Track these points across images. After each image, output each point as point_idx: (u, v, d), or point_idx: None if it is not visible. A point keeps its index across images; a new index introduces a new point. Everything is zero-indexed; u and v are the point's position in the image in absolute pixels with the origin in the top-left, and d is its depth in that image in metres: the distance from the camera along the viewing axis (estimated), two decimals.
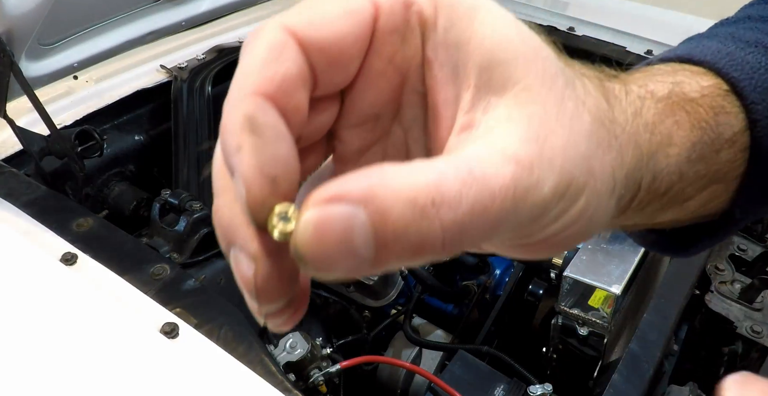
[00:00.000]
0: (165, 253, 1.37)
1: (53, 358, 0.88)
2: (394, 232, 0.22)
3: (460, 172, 0.23)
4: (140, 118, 1.75)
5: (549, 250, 0.29)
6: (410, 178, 0.22)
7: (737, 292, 1.31)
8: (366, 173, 0.22)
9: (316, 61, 0.25)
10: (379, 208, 0.21)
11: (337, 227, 0.21)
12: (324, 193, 0.22)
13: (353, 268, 0.22)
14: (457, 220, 0.22)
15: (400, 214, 0.21)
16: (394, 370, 1.51)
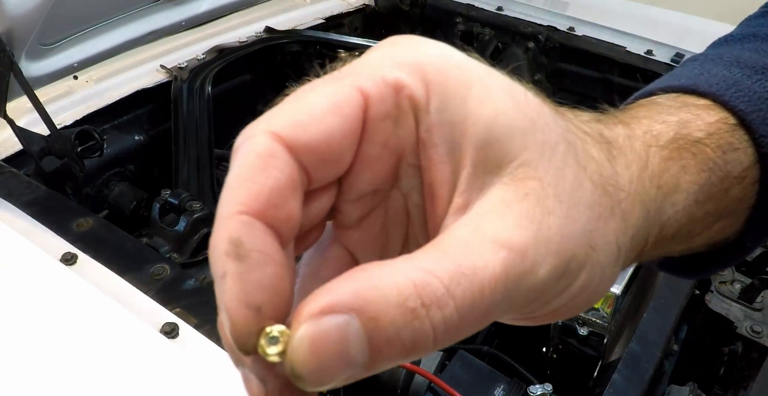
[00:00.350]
0: (165, 253, 1.37)
1: (53, 358, 0.88)
2: (387, 337, 0.21)
3: (448, 269, 0.22)
4: (140, 118, 1.75)
5: (554, 318, 0.29)
6: (397, 280, 0.22)
7: (737, 292, 1.31)
8: (353, 277, 0.22)
9: (307, 162, 0.25)
10: (372, 315, 0.21)
11: (333, 340, 0.21)
12: (315, 306, 0.21)
13: (348, 377, 0.22)
14: (447, 318, 0.22)
15: (392, 318, 0.21)
16: (394, 370, 1.51)
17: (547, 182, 0.25)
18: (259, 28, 1.97)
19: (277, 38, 1.95)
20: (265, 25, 1.98)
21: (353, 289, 0.22)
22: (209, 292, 1.07)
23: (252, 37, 1.93)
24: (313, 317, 0.21)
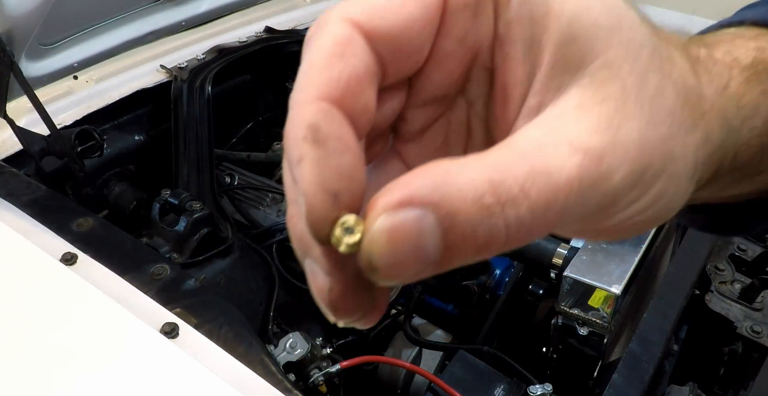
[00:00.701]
0: (165, 253, 1.37)
1: (53, 358, 0.88)
2: (462, 233, 0.21)
3: (522, 168, 0.22)
4: (140, 118, 1.75)
5: (618, 234, 0.28)
6: (473, 176, 0.21)
7: (737, 292, 1.31)
8: (429, 172, 0.21)
9: (384, 52, 0.24)
10: (449, 210, 0.21)
11: (410, 233, 0.21)
12: (392, 198, 0.21)
13: (419, 272, 0.22)
14: (521, 216, 0.22)
15: (469, 214, 0.21)
16: (394, 370, 1.51)
17: (628, 86, 0.24)
18: (259, 28, 1.97)
19: (277, 38, 1.95)
20: (265, 25, 1.98)
21: (430, 182, 0.21)
22: (209, 292, 1.07)
23: (252, 37, 1.93)
24: (390, 209, 0.21)
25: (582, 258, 1.24)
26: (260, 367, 0.89)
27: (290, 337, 1.28)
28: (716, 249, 1.40)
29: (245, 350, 0.92)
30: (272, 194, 1.82)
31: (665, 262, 1.41)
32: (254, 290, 1.50)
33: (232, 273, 1.43)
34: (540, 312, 1.49)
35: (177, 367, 0.88)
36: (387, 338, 1.60)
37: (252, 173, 1.90)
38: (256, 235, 1.67)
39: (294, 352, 1.25)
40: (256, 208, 1.80)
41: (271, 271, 1.56)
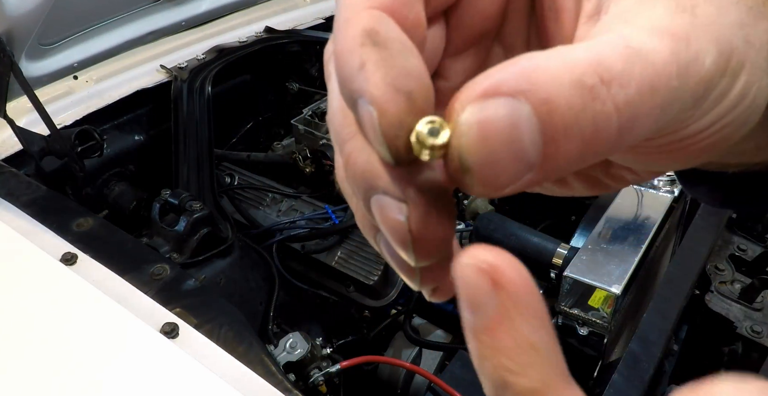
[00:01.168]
0: (165, 253, 1.37)
1: (53, 358, 0.88)
2: (564, 122, 0.18)
3: (618, 47, 0.19)
4: (140, 118, 1.75)
5: (696, 153, 0.25)
6: (567, 58, 0.19)
7: (737, 292, 1.31)
8: (514, 61, 0.19)
9: None
10: (544, 96, 0.18)
11: (503, 124, 0.18)
12: (477, 87, 0.19)
13: (518, 175, 0.19)
14: (630, 100, 0.19)
15: (568, 99, 0.18)
16: (394, 370, 1.51)
17: None
18: (259, 28, 1.97)
19: (277, 38, 1.95)
20: (265, 25, 1.98)
21: (517, 70, 0.18)
22: (209, 292, 1.07)
23: (252, 37, 1.93)
24: (476, 100, 0.18)
25: (582, 258, 1.24)
26: (260, 367, 0.89)
27: (290, 337, 1.28)
28: (716, 249, 1.40)
29: (245, 350, 0.92)
30: (272, 194, 1.82)
31: (665, 262, 1.41)
32: (254, 290, 1.50)
33: (232, 273, 1.43)
34: None
35: (177, 367, 0.88)
36: (387, 338, 1.60)
37: (252, 173, 1.90)
38: (256, 235, 1.67)
39: (294, 352, 1.25)
40: (256, 208, 1.80)
41: (271, 271, 1.56)
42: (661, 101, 0.20)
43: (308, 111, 1.84)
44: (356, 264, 1.59)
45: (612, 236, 1.29)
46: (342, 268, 1.59)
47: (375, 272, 1.55)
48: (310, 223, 1.68)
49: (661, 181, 1.36)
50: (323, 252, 1.63)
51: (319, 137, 1.78)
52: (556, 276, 1.34)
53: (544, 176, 0.19)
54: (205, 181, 1.61)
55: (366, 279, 1.55)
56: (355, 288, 1.60)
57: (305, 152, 1.84)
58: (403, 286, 1.61)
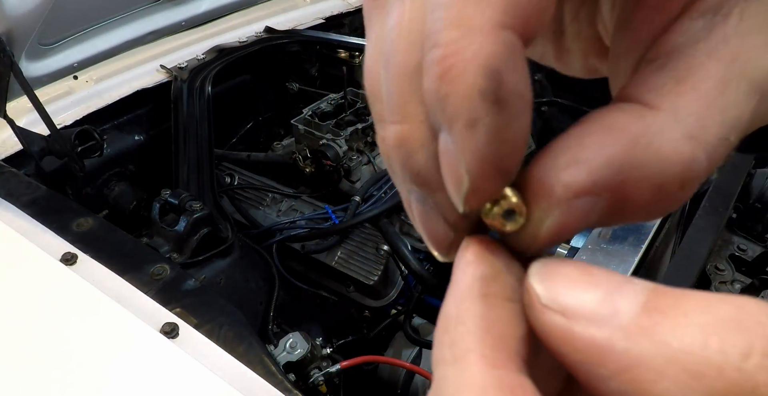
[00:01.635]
0: (165, 253, 1.37)
1: (53, 357, 0.88)
2: (633, 211, 0.18)
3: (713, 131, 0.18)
4: (140, 118, 1.75)
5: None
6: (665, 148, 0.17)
7: (737, 292, 1.31)
8: (615, 135, 0.18)
9: None
10: (624, 197, 0.18)
11: (578, 222, 0.18)
12: (568, 186, 0.18)
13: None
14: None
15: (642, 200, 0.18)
16: (394, 370, 1.51)
17: None
18: (259, 28, 1.97)
19: (277, 38, 1.95)
20: (265, 25, 1.98)
21: (617, 159, 0.17)
22: (209, 292, 1.07)
23: (252, 37, 1.93)
24: (565, 202, 0.18)
25: (582, 258, 1.24)
26: (260, 367, 0.89)
27: (290, 337, 1.28)
28: (716, 249, 1.40)
29: (245, 350, 0.92)
30: (272, 194, 1.82)
31: (665, 262, 1.41)
32: (254, 290, 1.50)
33: (232, 273, 1.43)
34: None
35: (177, 367, 0.88)
36: (387, 338, 1.60)
37: (252, 173, 1.90)
38: (256, 235, 1.67)
39: (294, 352, 1.25)
40: (256, 208, 1.80)
41: (271, 271, 1.56)
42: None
43: (308, 111, 1.84)
44: (356, 264, 1.59)
45: (612, 236, 1.29)
46: (342, 268, 1.59)
47: (375, 272, 1.55)
48: (310, 223, 1.68)
49: None
50: (323, 252, 1.63)
51: (319, 137, 1.78)
52: None
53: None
54: (205, 181, 1.61)
55: (366, 279, 1.55)
56: (355, 288, 1.60)
57: (305, 152, 1.84)
58: (403, 286, 1.61)
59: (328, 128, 1.78)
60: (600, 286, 0.17)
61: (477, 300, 0.18)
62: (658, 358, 0.15)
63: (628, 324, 0.16)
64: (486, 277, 0.19)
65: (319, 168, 1.81)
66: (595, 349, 0.16)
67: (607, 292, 0.16)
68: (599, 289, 0.16)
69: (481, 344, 0.17)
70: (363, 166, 1.80)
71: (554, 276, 0.17)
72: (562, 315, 0.17)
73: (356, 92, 1.88)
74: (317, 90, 2.12)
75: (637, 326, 0.15)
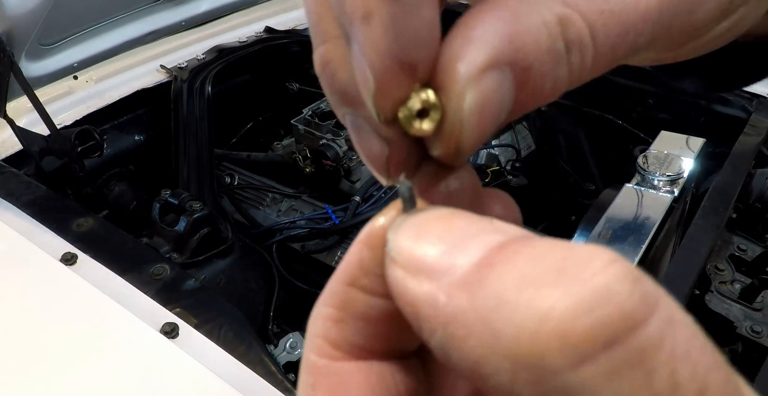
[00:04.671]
0: (165, 253, 1.37)
1: (53, 357, 0.88)
2: (534, 88, 0.19)
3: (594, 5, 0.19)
4: (140, 118, 1.75)
5: (705, 48, 0.24)
6: (544, 15, 0.18)
7: (737, 292, 1.31)
8: (497, 15, 0.18)
9: None
10: (526, 65, 0.18)
11: (495, 102, 0.18)
12: (474, 63, 0.18)
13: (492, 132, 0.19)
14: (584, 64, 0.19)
15: (542, 66, 0.18)
16: None
17: None
18: (259, 28, 1.97)
19: (277, 38, 1.95)
20: (265, 25, 1.98)
21: (506, 33, 0.18)
22: (209, 292, 1.07)
23: (252, 37, 1.93)
24: (475, 79, 0.18)
25: None
26: (260, 367, 0.89)
27: (290, 337, 1.28)
28: (716, 249, 1.40)
29: (245, 350, 0.92)
30: (272, 194, 1.82)
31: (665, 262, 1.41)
32: (254, 290, 1.50)
33: (232, 273, 1.43)
34: None
35: (177, 367, 0.88)
36: None
37: (252, 173, 1.90)
38: (256, 235, 1.67)
39: (294, 352, 1.25)
40: (256, 208, 1.80)
41: (271, 271, 1.56)
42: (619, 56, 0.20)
43: (308, 111, 1.84)
44: None
45: (612, 236, 1.28)
46: None
47: None
48: (310, 223, 1.68)
49: (661, 181, 1.36)
50: (323, 252, 1.63)
51: (319, 137, 1.78)
52: None
53: (513, 117, 0.19)
54: (205, 181, 1.61)
55: None
56: None
57: (305, 152, 1.84)
58: None
59: (328, 128, 1.78)
60: (449, 238, 0.16)
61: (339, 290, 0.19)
62: (470, 314, 0.14)
63: (456, 279, 0.15)
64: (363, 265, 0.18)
65: (319, 168, 1.81)
66: (420, 304, 0.16)
67: (452, 245, 0.16)
68: (445, 242, 0.16)
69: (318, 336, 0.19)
70: (363, 166, 1.80)
71: (408, 226, 0.17)
72: (404, 269, 0.16)
73: None
74: (317, 90, 2.12)
75: (463, 281, 0.15)
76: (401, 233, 0.17)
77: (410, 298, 0.16)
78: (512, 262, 0.15)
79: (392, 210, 0.19)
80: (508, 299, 0.14)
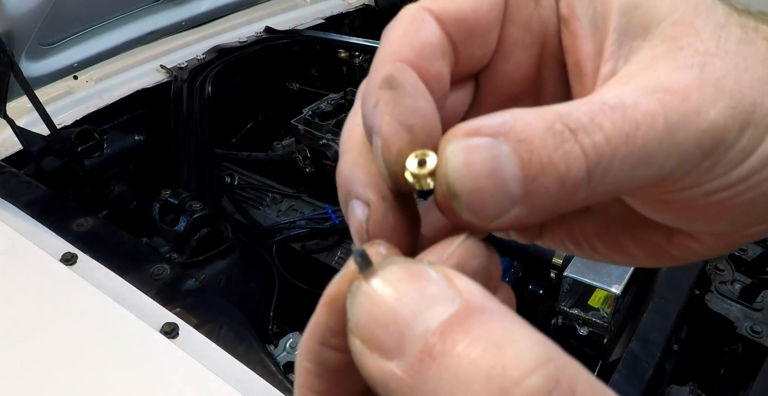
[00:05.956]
0: (165, 253, 1.37)
1: (53, 357, 0.88)
2: (540, 162, 0.20)
3: (593, 104, 0.21)
4: (140, 118, 1.75)
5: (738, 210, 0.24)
6: (540, 111, 0.21)
7: (737, 292, 1.31)
8: (494, 113, 0.21)
9: (454, 33, 0.25)
10: (520, 138, 0.20)
11: (485, 156, 0.20)
12: (461, 128, 0.21)
13: (506, 208, 0.21)
14: (597, 145, 0.21)
15: (542, 141, 0.20)
16: None
17: (706, 35, 0.23)
18: (259, 28, 1.97)
19: (277, 38, 1.95)
20: (265, 25, 1.98)
21: (497, 117, 0.21)
22: (209, 292, 1.07)
23: (252, 37, 1.93)
24: (461, 136, 0.21)
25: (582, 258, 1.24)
26: (260, 367, 0.89)
27: (290, 337, 1.28)
28: None
29: (245, 350, 0.92)
30: (272, 194, 1.82)
31: None
32: (254, 290, 1.50)
33: (232, 273, 1.43)
34: (540, 312, 1.49)
35: (177, 367, 0.88)
36: None
37: (252, 173, 1.90)
38: (256, 235, 1.67)
39: (294, 352, 1.25)
40: (256, 208, 1.80)
41: (271, 271, 1.56)
42: (640, 149, 0.21)
43: (308, 111, 1.84)
44: None
45: None
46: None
47: None
48: (310, 223, 1.68)
49: None
50: (323, 252, 1.63)
51: (319, 137, 1.78)
52: (556, 276, 1.34)
53: (531, 212, 0.21)
54: (205, 181, 1.61)
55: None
56: None
57: (305, 152, 1.84)
58: None
59: (328, 128, 1.78)
60: (398, 317, 0.19)
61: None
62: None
63: (403, 365, 0.18)
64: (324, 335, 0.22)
65: (319, 168, 1.81)
66: (375, 377, 0.19)
67: (402, 326, 0.18)
68: (395, 322, 0.19)
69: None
70: None
71: (362, 300, 0.20)
72: (361, 342, 0.19)
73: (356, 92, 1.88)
74: (317, 90, 2.12)
75: (408, 369, 0.18)
76: (356, 306, 0.20)
77: (367, 372, 0.19)
78: (449, 359, 0.17)
79: (350, 271, 0.21)
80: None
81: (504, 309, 0.19)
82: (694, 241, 0.28)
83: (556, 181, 0.21)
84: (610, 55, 0.24)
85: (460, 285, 0.19)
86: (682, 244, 0.28)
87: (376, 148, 0.23)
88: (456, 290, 0.19)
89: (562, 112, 0.21)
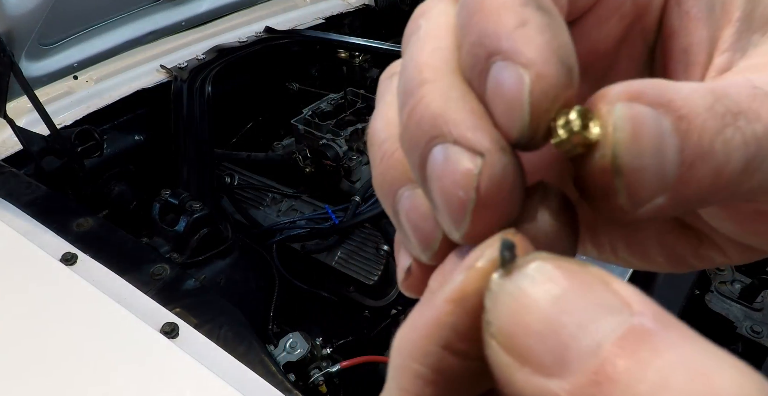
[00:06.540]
0: (165, 253, 1.37)
1: (53, 357, 0.88)
2: (700, 145, 0.17)
3: (745, 88, 0.19)
4: (140, 118, 1.75)
5: None
6: (696, 87, 0.18)
7: (737, 292, 1.31)
8: (645, 80, 0.18)
9: None
10: (682, 114, 0.17)
11: (652, 130, 0.17)
12: (622, 88, 0.18)
13: (657, 193, 0.18)
14: (757, 135, 0.18)
15: (704, 121, 0.17)
16: None
17: None
18: (259, 28, 1.97)
19: (277, 38, 1.95)
20: (265, 25, 1.98)
21: (654, 85, 0.18)
22: (209, 292, 1.07)
23: (252, 37, 1.93)
24: (625, 99, 0.17)
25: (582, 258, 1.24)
26: (260, 367, 0.89)
27: (290, 337, 1.28)
28: None
29: (245, 350, 0.92)
30: (272, 194, 1.82)
31: None
32: (254, 290, 1.50)
33: (232, 273, 1.43)
34: None
35: (177, 367, 0.88)
36: (387, 338, 1.60)
37: (252, 173, 1.90)
38: (256, 235, 1.67)
39: (294, 352, 1.25)
40: (256, 208, 1.80)
41: (271, 271, 1.56)
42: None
43: (308, 111, 1.84)
44: (356, 264, 1.59)
45: None
46: (342, 268, 1.58)
47: (375, 272, 1.55)
48: (310, 223, 1.68)
49: None
50: (323, 252, 1.63)
51: (319, 137, 1.78)
52: None
53: (673, 204, 0.18)
54: (205, 181, 1.61)
55: (366, 279, 1.55)
56: (355, 288, 1.60)
57: (305, 152, 1.84)
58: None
59: (328, 128, 1.78)
60: (558, 326, 0.15)
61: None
62: None
63: (569, 386, 0.15)
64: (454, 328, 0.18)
65: (319, 168, 1.81)
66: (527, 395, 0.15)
67: (564, 337, 0.15)
68: (555, 333, 0.15)
69: None
70: (363, 166, 1.80)
71: (508, 301, 0.16)
72: (508, 353, 0.16)
73: (356, 92, 1.88)
74: (317, 90, 2.12)
75: (584, 391, 0.14)
76: (501, 307, 0.16)
77: (517, 389, 0.15)
78: (637, 385, 0.14)
79: (488, 264, 0.17)
80: None
81: (686, 327, 0.15)
82: (721, 254, 0.26)
83: (712, 171, 0.18)
84: (729, 46, 0.22)
85: (623, 292, 0.15)
86: (706, 255, 0.26)
87: (510, 84, 0.18)
88: (619, 298, 0.15)
89: (718, 91, 0.18)
